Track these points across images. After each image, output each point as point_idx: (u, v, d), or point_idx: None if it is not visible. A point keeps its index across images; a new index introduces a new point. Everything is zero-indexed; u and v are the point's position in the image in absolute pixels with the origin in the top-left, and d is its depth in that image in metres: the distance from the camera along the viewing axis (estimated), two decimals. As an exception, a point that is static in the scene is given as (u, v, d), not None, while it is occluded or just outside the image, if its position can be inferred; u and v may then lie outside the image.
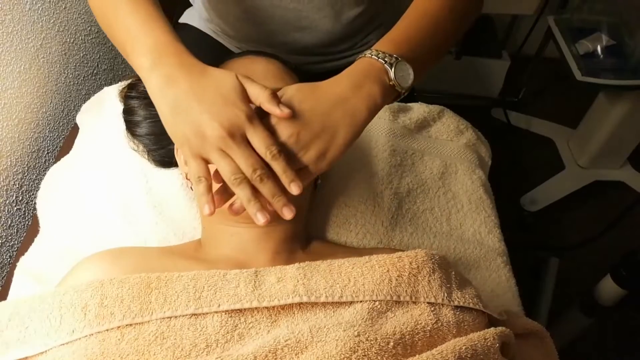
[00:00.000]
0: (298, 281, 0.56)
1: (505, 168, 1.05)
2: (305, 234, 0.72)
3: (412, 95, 1.03)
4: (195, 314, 0.53)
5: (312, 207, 0.77)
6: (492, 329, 0.57)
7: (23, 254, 0.78)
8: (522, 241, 1.64)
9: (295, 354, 0.49)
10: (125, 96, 0.86)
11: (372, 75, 0.57)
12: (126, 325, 0.53)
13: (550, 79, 2.08)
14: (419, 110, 0.96)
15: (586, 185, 1.82)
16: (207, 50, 1.04)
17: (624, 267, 1.08)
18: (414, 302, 0.56)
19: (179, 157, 0.77)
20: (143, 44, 0.57)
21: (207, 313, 0.53)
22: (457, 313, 0.57)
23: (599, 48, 1.50)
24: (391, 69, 0.57)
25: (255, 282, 0.56)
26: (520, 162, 1.91)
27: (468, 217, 0.85)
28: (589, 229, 1.70)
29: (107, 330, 0.53)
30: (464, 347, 0.51)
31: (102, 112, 0.90)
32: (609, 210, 1.77)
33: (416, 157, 0.87)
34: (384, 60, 0.58)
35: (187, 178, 0.75)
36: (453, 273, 0.61)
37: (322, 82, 0.58)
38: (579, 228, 1.71)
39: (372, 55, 0.58)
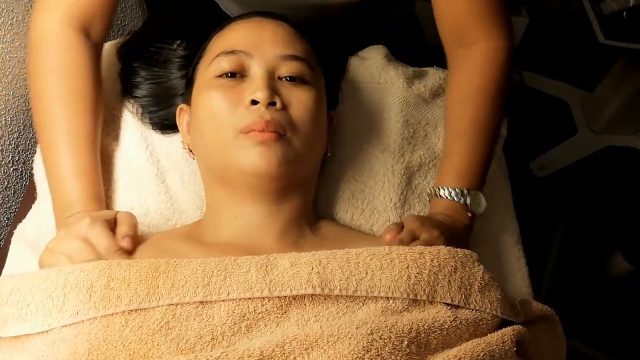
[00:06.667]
0: (313, 268, 0.53)
1: (515, 130, 1.01)
2: (313, 211, 0.70)
3: (426, 54, 0.97)
4: (202, 302, 0.51)
5: (320, 182, 0.73)
6: (509, 329, 0.54)
7: (21, 220, 0.76)
8: (529, 207, 1.62)
9: (305, 349, 0.47)
10: (123, 55, 0.81)
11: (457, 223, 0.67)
12: (131, 310, 0.51)
13: (569, 38, 1.99)
14: (434, 76, 0.90)
15: (598, 151, 1.78)
16: (201, 12, 0.97)
17: (634, 244, 1.06)
18: (430, 302, 0.54)
19: (180, 123, 0.73)
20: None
21: (215, 301, 0.51)
22: (476, 312, 0.55)
23: (625, 9, 1.41)
24: (469, 206, 0.68)
25: (267, 266, 0.54)
26: (531, 125, 1.86)
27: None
28: (599, 197, 1.67)
29: (112, 314, 0.51)
30: (482, 353, 0.49)
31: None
32: (620, 178, 1.74)
33: (429, 129, 0.83)
34: (460, 200, 0.68)
35: (189, 149, 0.71)
36: (480, 272, 0.57)
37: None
38: (588, 195, 1.68)
39: (446, 195, 0.68)
